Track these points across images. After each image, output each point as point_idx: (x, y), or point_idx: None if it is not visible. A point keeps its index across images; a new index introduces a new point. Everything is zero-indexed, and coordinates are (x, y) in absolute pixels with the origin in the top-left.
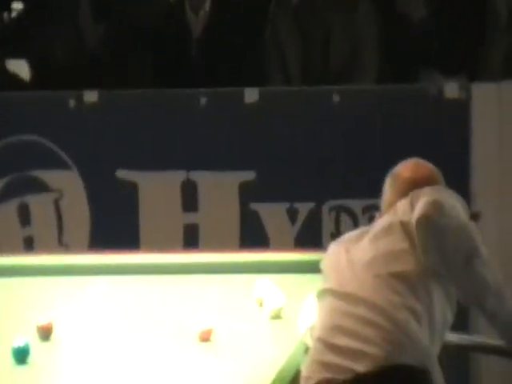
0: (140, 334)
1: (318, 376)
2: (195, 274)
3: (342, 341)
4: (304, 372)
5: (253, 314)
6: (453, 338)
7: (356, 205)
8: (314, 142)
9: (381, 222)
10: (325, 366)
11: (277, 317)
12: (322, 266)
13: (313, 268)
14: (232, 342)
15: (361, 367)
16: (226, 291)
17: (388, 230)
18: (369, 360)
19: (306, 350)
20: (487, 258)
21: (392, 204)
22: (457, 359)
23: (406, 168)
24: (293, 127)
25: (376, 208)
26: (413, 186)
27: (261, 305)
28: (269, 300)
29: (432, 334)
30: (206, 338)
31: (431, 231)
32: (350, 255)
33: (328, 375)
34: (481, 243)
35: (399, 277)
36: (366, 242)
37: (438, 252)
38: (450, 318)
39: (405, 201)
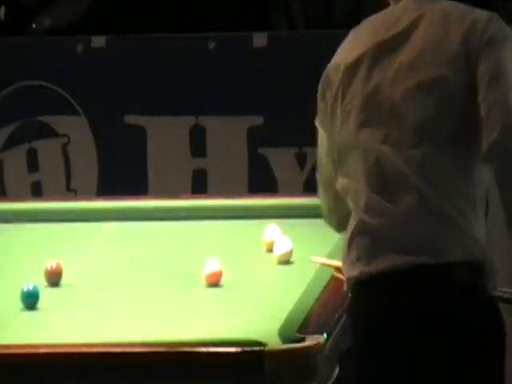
0: (148, 279)
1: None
2: (203, 219)
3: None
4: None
5: (261, 259)
6: None
7: None
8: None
9: (425, 39)
10: (374, 254)
11: (285, 261)
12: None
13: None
14: (241, 287)
15: (424, 260)
16: (234, 236)
17: (451, 61)
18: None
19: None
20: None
21: None
22: None
23: None
24: (301, 72)
25: None
26: None
27: (269, 250)
28: (277, 245)
29: (476, 219)
30: (214, 282)
31: (498, 55)
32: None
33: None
34: None
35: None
36: (389, 79)
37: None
38: (485, 179)
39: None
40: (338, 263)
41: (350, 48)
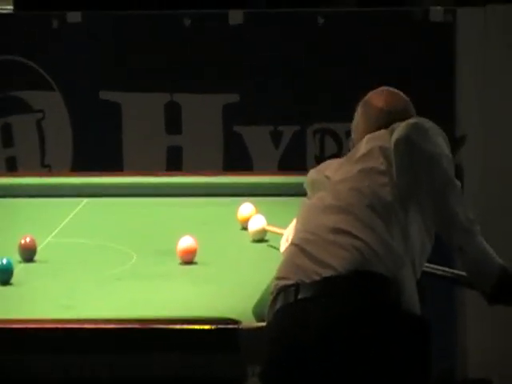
0: (123, 255)
1: (289, 277)
2: (178, 196)
3: (314, 249)
4: (276, 273)
5: (236, 237)
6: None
7: (340, 128)
8: (298, 66)
9: (359, 149)
10: (296, 267)
11: (260, 239)
12: (305, 185)
13: (296, 191)
14: (215, 264)
15: (327, 273)
16: (209, 213)
17: (367, 154)
18: (336, 265)
19: None
20: (460, 192)
21: (364, 133)
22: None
23: (379, 97)
24: (277, 50)
25: None
26: (384, 116)
27: (244, 227)
28: (252, 222)
29: (407, 251)
30: (189, 259)
31: (409, 151)
32: (330, 176)
33: (297, 277)
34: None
35: (376, 194)
36: (345, 167)
37: (413, 174)
38: (428, 246)
39: (384, 131)
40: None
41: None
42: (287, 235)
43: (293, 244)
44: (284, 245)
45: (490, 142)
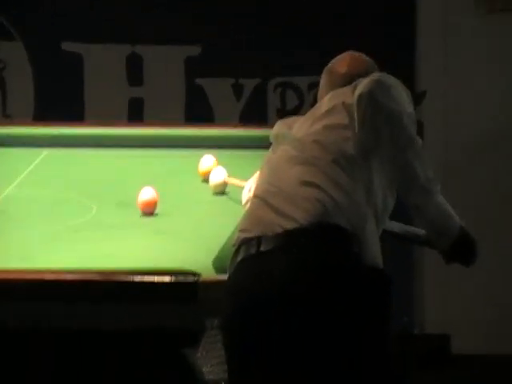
0: (83, 206)
1: (251, 229)
2: (139, 147)
3: (277, 201)
4: (239, 225)
5: (197, 189)
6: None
7: (302, 81)
8: (261, 18)
9: (323, 105)
10: (258, 220)
11: (220, 192)
12: (271, 139)
13: (258, 144)
14: (176, 216)
15: (290, 225)
16: (170, 165)
17: (330, 110)
18: (299, 218)
19: None
20: (421, 151)
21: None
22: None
23: (341, 63)
24: (239, 2)
25: None
26: (349, 80)
27: (205, 179)
28: (213, 175)
29: (369, 205)
30: (149, 211)
31: (371, 106)
32: (294, 131)
33: (259, 229)
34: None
35: (340, 149)
36: (309, 122)
37: (373, 130)
38: (390, 202)
39: (347, 87)
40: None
41: None
42: (249, 187)
43: (256, 196)
44: (246, 196)
45: (450, 98)
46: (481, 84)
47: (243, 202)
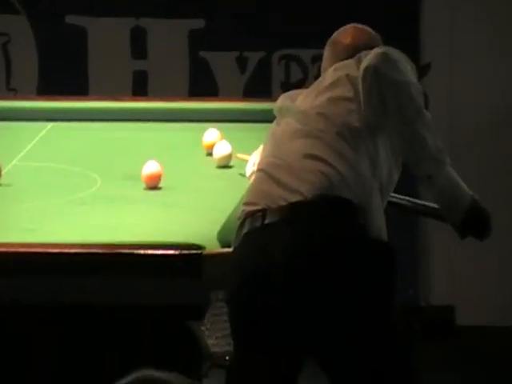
0: (88, 179)
1: (256, 202)
2: (143, 121)
3: (282, 174)
4: (244, 198)
5: (201, 162)
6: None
7: (306, 54)
8: None
9: (327, 78)
10: (263, 193)
11: (225, 165)
12: (274, 112)
13: (262, 117)
14: (180, 190)
15: (295, 198)
16: (174, 139)
17: (334, 83)
18: (304, 191)
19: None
20: (430, 122)
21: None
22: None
23: (345, 34)
24: None
25: None
26: (353, 52)
27: (209, 153)
28: (217, 148)
29: (375, 178)
30: (153, 185)
31: (377, 79)
32: (298, 104)
33: (263, 202)
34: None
35: (344, 122)
36: (313, 94)
37: (380, 103)
38: (395, 175)
39: (351, 60)
40: None
41: None
42: (254, 160)
43: (260, 169)
44: (251, 170)
45: (455, 70)
46: (486, 61)
47: (247, 174)
